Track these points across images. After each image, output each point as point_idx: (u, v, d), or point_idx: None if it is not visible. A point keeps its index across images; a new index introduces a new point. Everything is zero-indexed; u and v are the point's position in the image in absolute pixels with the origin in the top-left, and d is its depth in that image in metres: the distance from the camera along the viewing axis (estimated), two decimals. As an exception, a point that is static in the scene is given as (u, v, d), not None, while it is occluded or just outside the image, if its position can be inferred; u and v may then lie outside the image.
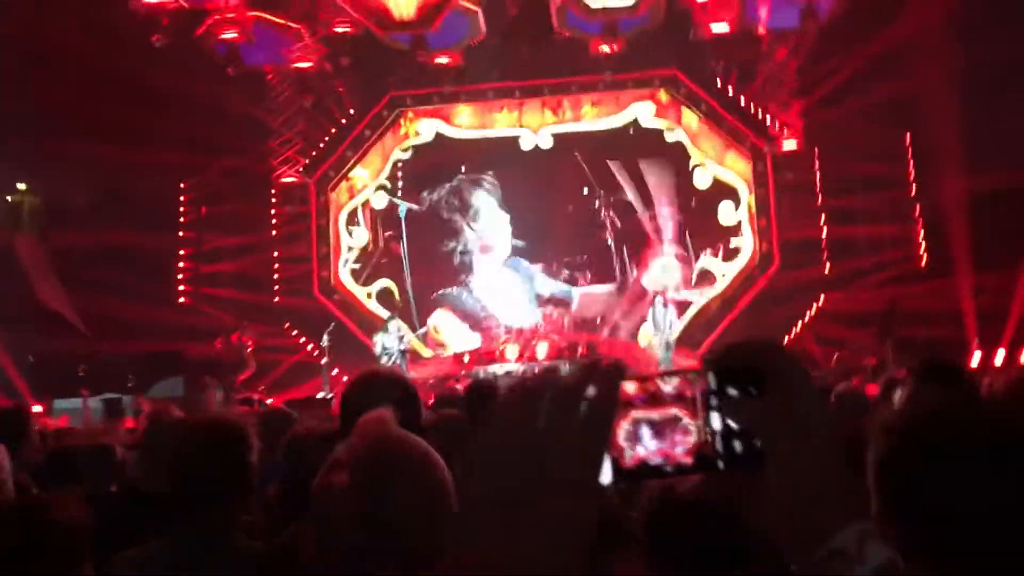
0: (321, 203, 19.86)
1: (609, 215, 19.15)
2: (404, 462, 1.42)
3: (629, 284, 19.06)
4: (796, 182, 18.81)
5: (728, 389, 0.93)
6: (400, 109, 19.92)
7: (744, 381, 0.93)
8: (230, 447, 2.43)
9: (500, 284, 19.27)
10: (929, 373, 3.56)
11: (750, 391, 0.93)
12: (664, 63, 18.97)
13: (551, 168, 19.49)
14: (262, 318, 18.42)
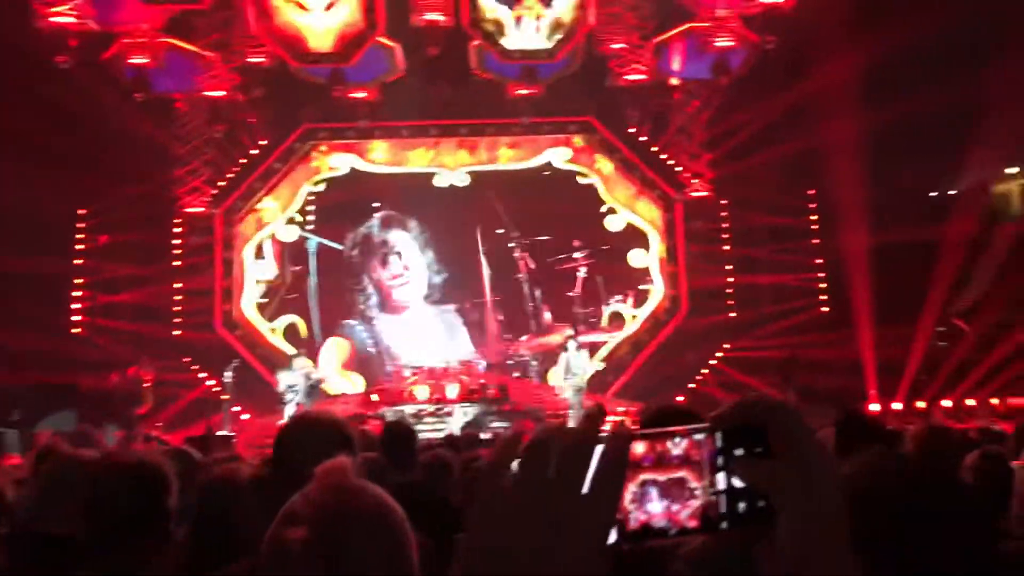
0: (227, 235, 19.38)
1: (524, 256, 19.18)
2: (367, 516, 1.30)
3: (542, 325, 19.10)
4: (704, 231, 19.27)
5: (735, 449, 0.91)
6: (313, 142, 19.68)
7: (751, 441, 0.92)
8: (150, 488, 2.25)
9: (415, 323, 19.10)
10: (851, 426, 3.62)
11: (756, 451, 0.91)
12: (580, 109, 19.30)
13: (467, 207, 19.48)
14: (161, 352, 17.73)
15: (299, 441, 2.28)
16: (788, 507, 0.89)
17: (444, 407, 16.00)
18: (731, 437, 0.92)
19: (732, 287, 19.26)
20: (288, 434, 2.35)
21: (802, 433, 0.91)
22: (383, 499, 1.34)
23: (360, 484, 1.33)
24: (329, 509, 1.27)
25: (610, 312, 19.32)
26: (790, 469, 0.89)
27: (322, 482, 1.31)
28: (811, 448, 0.91)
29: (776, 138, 17.88)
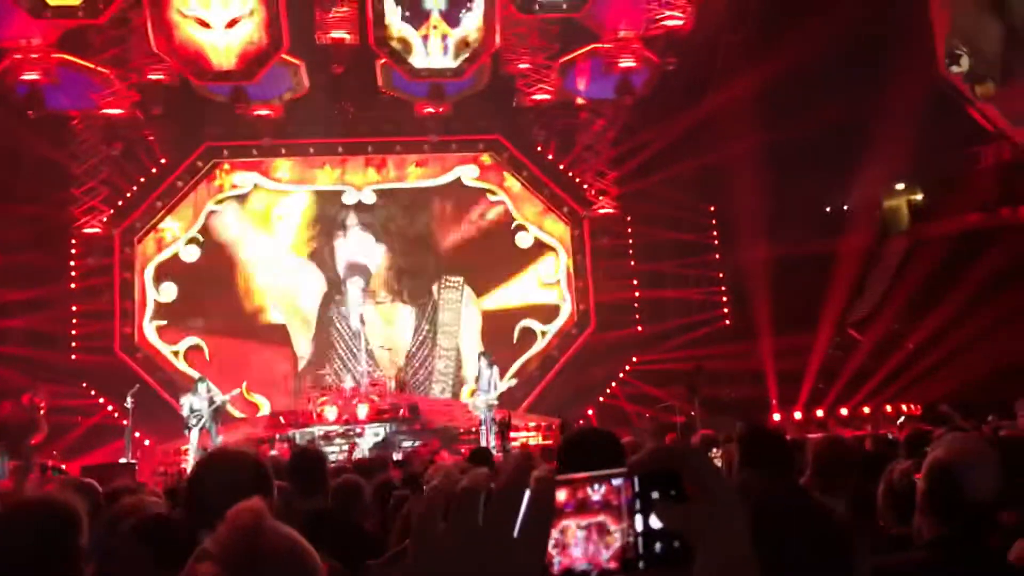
0: (126, 255, 18.85)
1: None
2: (280, 559, 1.31)
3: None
4: (611, 247, 19.63)
5: (651, 492, 0.96)
6: (215, 160, 19.31)
7: (666, 485, 0.96)
8: (60, 529, 2.18)
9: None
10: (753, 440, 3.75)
11: (671, 494, 0.96)
12: (488, 128, 19.45)
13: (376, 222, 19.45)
14: (57, 377, 17.07)
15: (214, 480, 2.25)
16: (703, 547, 0.94)
17: (354, 428, 15.83)
18: (647, 481, 0.96)
19: (638, 301, 19.63)
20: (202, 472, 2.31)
21: (713, 477, 0.97)
22: (297, 542, 1.35)
23: (273, 526, 1.34)
24: (241, 551, 1.27)
25: (520, 327, 19.43)
26: (703, 511, 0.95)
27: (234, 523, 1.31)
28: (722, 491, 0.96)
29: (678, 156, 18.33)
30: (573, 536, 0.94)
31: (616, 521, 0.95)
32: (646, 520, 0.95)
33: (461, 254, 19.69)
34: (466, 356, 19.15)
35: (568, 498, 0.95)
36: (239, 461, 2.33)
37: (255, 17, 15.89)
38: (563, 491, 0.94)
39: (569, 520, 0.94)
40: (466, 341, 19.27)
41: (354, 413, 16.06)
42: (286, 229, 19.47)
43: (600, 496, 0.95)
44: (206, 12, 15.69)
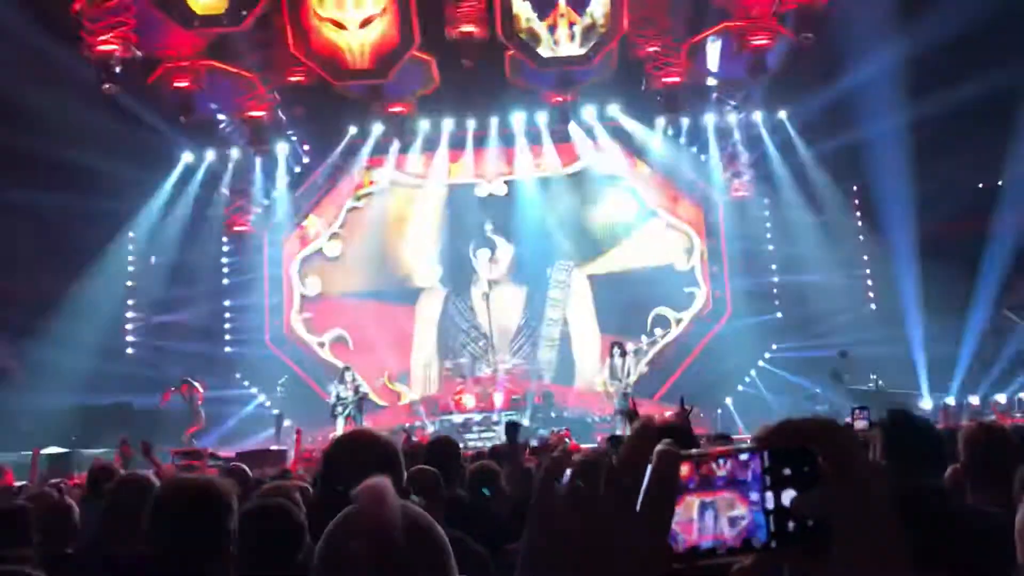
0: (273, 252, 19.69)
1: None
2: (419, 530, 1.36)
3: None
4: (747, 231, 19.11)
5: (783, 468, 0.91)
6: (354, 158, 19.92)
7: (799, 461, 0.91)
8: (212, 511, 2.33)
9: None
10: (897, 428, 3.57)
11: (804, 470, 0.91)
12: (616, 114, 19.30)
13: (507, 213, 19.65)
14: (213, 369, 18.05)
15: (345, 461, 2.34)
16: (843, 531, 0.88)
17: (491, 415, 16.07)
18: (778, 457, 0.92)
19: (777, 287, 19.08)
20: (334, 454, 2.40)
21: (854, 455, 0.91)
22: (424, 515, 1.40)
23: (401, 501, 1.39)
24: (386, 524, 1.32)
25: (653, 315, 19.24)
26: (841, 493, 0.89)
27: (372, 498, 1.37)
28: (864, 471, 0.90)
29: (816, 135, 17.71)
30: (698, 513, 0.90)
31: (743, 499, 0.90)
32: (777, 497, 0.90)
33: (592, 240, 19.68)
34: (584, 342, 19.12)
35: (690, 473, 0.90)
36: (369, 442, 2.41)
37: (387, 15, 16.27)
38: (685, 466, 0.90)
39: (692, 497, 0.90)
40: (580, 325, 19.20)
41: (491, 401, 16.31)
42: (421, 223, 19.90)
43: (726, 472, 0.91)
44: (341, 13, 16.17)
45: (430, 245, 19.81)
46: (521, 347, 19.28)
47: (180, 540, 2.29)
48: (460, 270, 19.61)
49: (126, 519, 3.04)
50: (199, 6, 15.45)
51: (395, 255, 19.74)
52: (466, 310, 19.36)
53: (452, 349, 19.21)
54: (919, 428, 3.60)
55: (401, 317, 19.70)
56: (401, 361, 19.48)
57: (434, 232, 19.85)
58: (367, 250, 19.59)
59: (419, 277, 19.77)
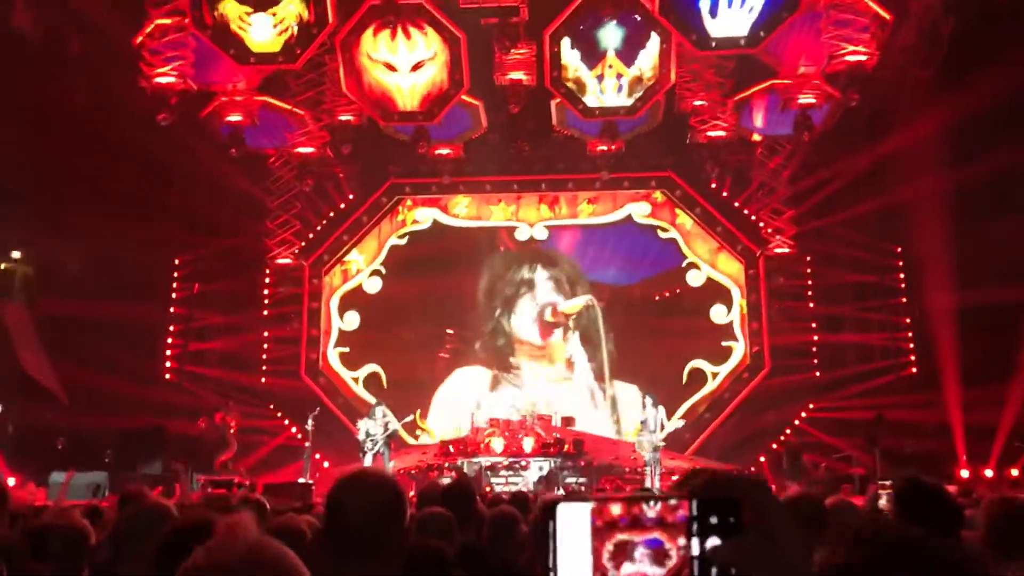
0: (314, 285, 19.95)
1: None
2: (264, 567, 1.37)
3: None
4: (787, 288, 18.99)
5: (709, 517, 0.97)
6: (399, 197, 20.21)
7: (725, 512, 0.97)
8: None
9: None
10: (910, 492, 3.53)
11: (730, 522, 0.96)
12: (660, 165, 19.38)
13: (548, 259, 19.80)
14: (247, 398, 18.24)
15: (349, 501, 2.35)
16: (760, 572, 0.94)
17: (520, 461, 16.00)
18: (706, 506, 0.98)
19: (816, 345, 18.86)
20: (339, 493, 2.41)
21: (776, 511, 0.98)
22: (282, 554, 1.39)
23: (267, 541, 1.39)
24: (226, 561, 1.32)
25: (689, 368, 19.11)
26: (760, 547, 0.95)
27: (221, 536, 1.37)
28: (784, 526, 0.97)
29: (860, 194, 17.61)
30: (630, 551, 0.96)
31: (671, 540, 0.97)
32: (703, 544, 0.97)
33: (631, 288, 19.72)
34: (619, 393, 19.04)
35: (623, 512, 0.97)
36: (373, 483, 2.42)
37: (438, 60, 16.55)
38: (617, 506, 0.97)
39: (623, 534, 0.96)
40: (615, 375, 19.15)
41: (520, 446, 16.23)
42: (462, 265, 20.04)
43: (655, 513, 0.97)
44: (393, 57, 16.48)
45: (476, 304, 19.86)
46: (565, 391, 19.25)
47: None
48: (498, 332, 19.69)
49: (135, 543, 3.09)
50: (256, 44, 15.85)
51: (436, 297, 19.83)
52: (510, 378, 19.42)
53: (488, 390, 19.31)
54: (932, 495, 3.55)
55: (436, 357, 19.77)
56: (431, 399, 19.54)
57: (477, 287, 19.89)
58: (407, 289, 19.74)
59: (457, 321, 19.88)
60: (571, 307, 19.03)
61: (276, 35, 15.90)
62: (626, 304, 19.63)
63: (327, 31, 16.03)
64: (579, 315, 19.38)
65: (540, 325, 19.54)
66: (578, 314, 19.35)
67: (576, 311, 19.05)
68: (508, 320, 19.72)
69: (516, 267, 19.93)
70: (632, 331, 19.13)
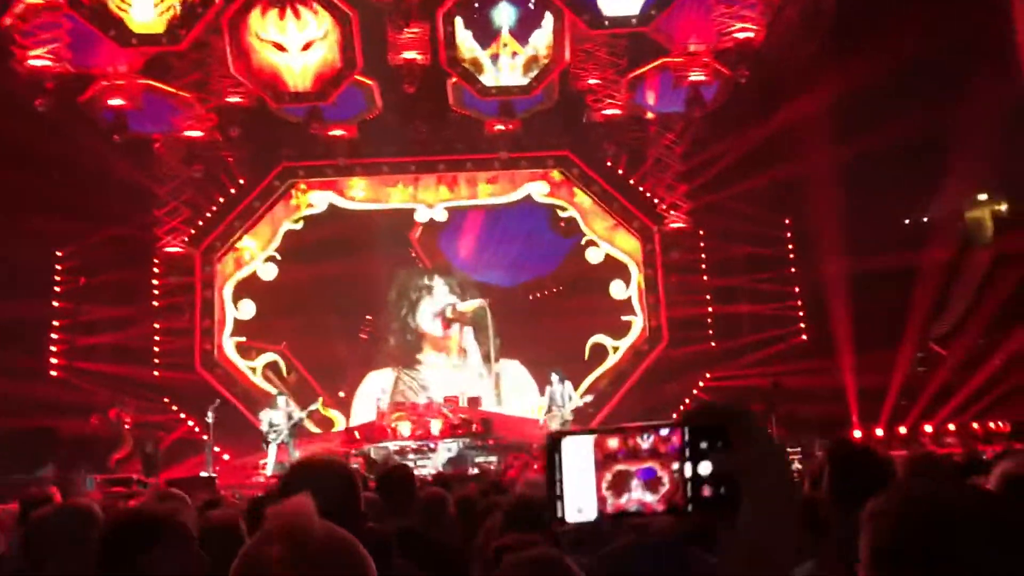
0: (206, 274, 19.34)
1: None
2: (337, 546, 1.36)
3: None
4: (683, 262, 19.42)
5: (700, 443, 1.07)
6: (292, 180, 19.74)
7: (713, 437, 1.07)
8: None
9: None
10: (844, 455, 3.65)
11: (719, 444, 1.07)
12: (557, 144, 19.51)
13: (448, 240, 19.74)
14: (141, 393, 17.58)
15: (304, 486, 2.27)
16: (748, 489, 1.05)
17: (428, 443, 15.93)
18: (696, 433, 1.08)
19: (711, 317, 19.37)
20: (293, 478, 2.35)
21: (758, 430, 1.09)
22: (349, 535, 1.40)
23: (324, 520, 1.37)
24: (305, 534, 1.31)
25: (591, 343, 19.37)
26: (750, 457, 1.06)
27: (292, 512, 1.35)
28: (765, 443, 1.09)
29: (752, 169, 18.08)
30: (627, 481, 1.05)
31: (664, 468, 1.06)
32: (695, 468, 1.07)
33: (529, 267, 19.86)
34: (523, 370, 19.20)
35: (620, 445, 1.06)
36: (329, 468, 2.37)
37: (329, 39, 16.20)
38: (615, 439, 1.06)
39: (621, 465, 1.05)
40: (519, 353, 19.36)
41: (428, 428, 16.17)
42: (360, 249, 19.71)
43: (649, 444, 1.06)
44: (282, 36, 16.05)
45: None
46: (461, 375, 19.30)
47: (133, 572, 2.20)
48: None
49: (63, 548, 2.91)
50: (137, 25, 15.17)
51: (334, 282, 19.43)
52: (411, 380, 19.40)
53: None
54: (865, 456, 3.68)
55: (338, 344, 19.47)
56: (335, 387, 19.26)
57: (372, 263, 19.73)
58: (304, 274, 19.31)
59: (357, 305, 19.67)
60: (467, 307, 19.34)
61: (158, 15, 15.29)
62: (524, 289, 19.75)
63: (213, 10, 15.49)
64: (474, 313, 19.39)
65: (441, 320, 19.59)
66: (473, 312, 19.37)
67: (472, 310, 19.25)
68: (413, 317, 19.82)
69: (418, 277, 20.01)
70: (535, 310, 19.24)
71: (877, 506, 1.46)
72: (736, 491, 1.04)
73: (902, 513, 1.42)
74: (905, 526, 1.38)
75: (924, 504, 1.43)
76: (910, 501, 1.46)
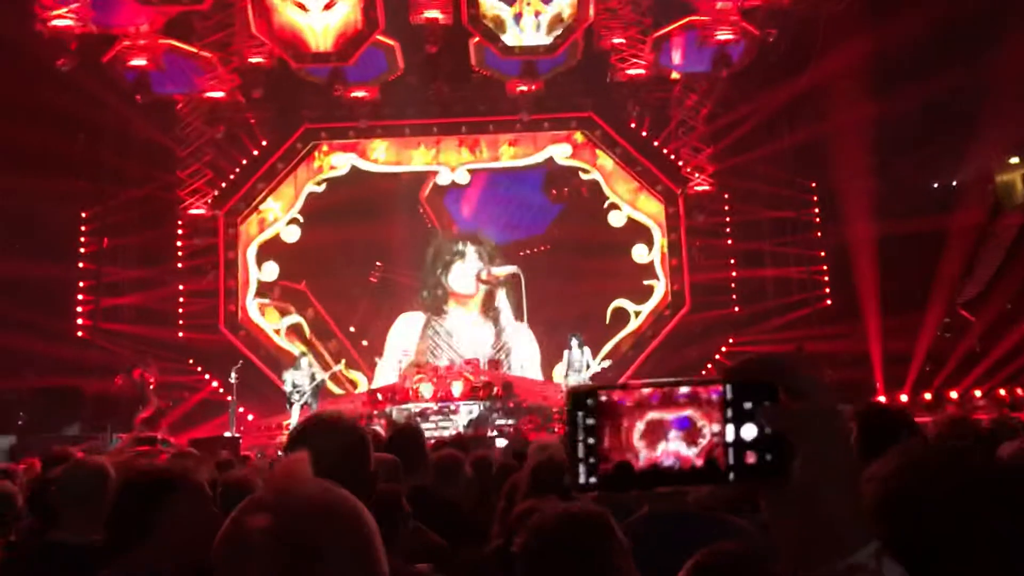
0: (230, 236, 19.38)
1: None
2: (334, 510, 1.24)
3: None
4: (707, 225, 19.23)
5: (744, 403, 0.94)
6: (314, 142, 19.68)
7: (761, 395, 0.94)
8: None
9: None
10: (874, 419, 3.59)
11: (765, 404, 0.94)
12: (580, 105, 19.28)
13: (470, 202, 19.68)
14: (165, 354, 17.73)
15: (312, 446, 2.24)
16: (807, 447, 0.92)
17: (449, 405, 15.99)
18: (741, 390, 0.94)
19: (735, 281, 19.21)
20: (300, 437, 2.31)
21: (814, 384, 0.95)
22: (348, 497, 1.29)
23: (322, 481, 1.28)
24: (294, 500, 1.21)
25: (612, 307, 19.28)
26: (806, 413, 0.93)
27: (284, 474, 1.26)
28: (823, 397, 0.95)
29: (777, 131, 17.85)
30: (662, 430, 0.93)
31: (705, 416, 0.93)
32: (737, 430, 0.93)
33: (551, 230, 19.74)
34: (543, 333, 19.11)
35: (653, 391, 0.93)
36: (337, 427, 2.32)
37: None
38: (648, 388, 0.94)
39: (655, 412, 0.93)
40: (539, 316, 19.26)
41: (449, 391, 16.21)
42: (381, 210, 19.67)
43: (687, 391, 0.93)
44: (304, -5, 15.94)
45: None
46: (483, 339, 19.30)
47: (136, 525, 2.18)
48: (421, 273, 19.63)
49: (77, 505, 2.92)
50: (158, -18, 15.12)
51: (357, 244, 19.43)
52: (439, 326, 19.38)
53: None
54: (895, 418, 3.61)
55: (361, 304, 19.53)
56: (358, 348, 19.34)
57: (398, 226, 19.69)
58: (327, 236, 19.31)
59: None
60: (501, 271, 19.09)
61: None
62: (516, 246, 19.69)
63: (234, -31, 15.39)
64: (506, 278, 19.25)
65: (476, 281, 19.45)
66: (505, 277, 19.23)
67: (505, 275, 19.07)
68: (445, 278, 19.64)
69: (452, 243, 19.76)
70: (556, 273, 19.12)
71: (881, 471, 1.39)
72: (784, 457, 0.92)
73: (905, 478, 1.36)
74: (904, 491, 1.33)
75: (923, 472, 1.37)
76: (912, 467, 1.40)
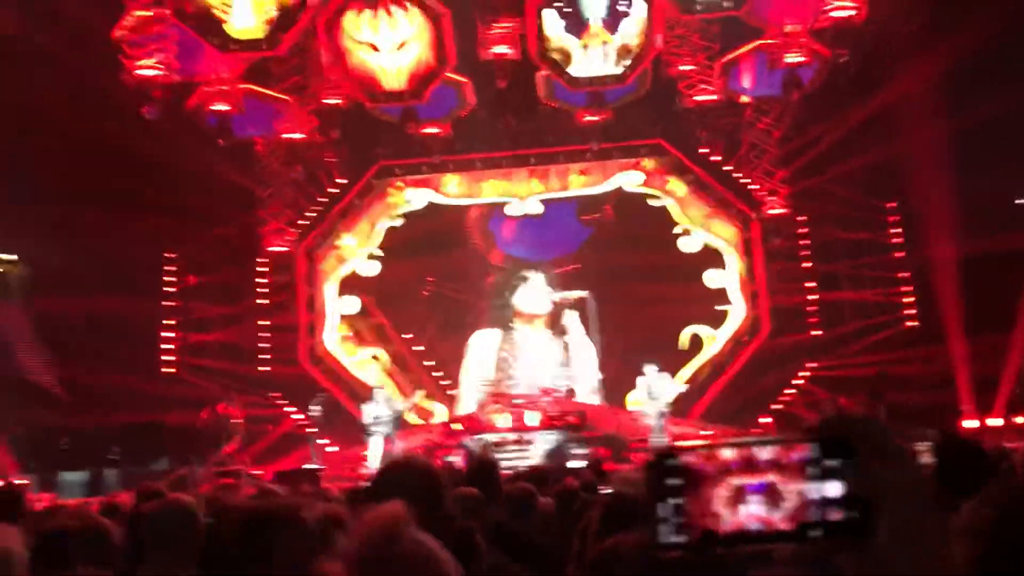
0: (309, 271, 19.83)
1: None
2: (413, 565, 1.31)
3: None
4: (783, 248, 18.94)
5: (829, 460, 0.95)
6: (389, 178, 20.07)
7: (844, 453, 0.96)
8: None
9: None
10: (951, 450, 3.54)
11: (849, 462, 0.95)
12: (649, 132, 19.26)
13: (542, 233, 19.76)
14: (249, 388, 18.18)
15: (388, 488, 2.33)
16: (894, 508, 0.94)
17: (525, 435, 16.00)
18: (825, 448, 0.96)
19: (814, 305, 18.85)
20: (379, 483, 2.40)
21: (891, 440, 0.99)
22: (433, 551, 1.35)
23: (411, 533, 1.35)
24: (374, 554, 1.28)
25: (690, 334, 19.09)
26: (889, 479, 0.96)
27: (371, 526, 1.33)
28: (901, 452, 0.99)
29: (852, 151, 17.55)
30: (744, 496, 0.93)
31: (787, 481, 0.94)
32: (822, 488, 0.94)
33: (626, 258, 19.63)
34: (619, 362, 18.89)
35: (735, 457, 0.94)
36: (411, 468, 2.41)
37: (422, 38, 16.42)
38: (729, 449, 0.94)
39: (736, 478, 0.93)
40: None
41: (524, 421, 16.23)
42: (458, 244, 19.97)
43: (769, 455, 0.94)
44: (376, 37, 16.34)
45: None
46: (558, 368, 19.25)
47: (226, 565, 2.27)
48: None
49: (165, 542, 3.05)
50: (236, 31, 15.67)
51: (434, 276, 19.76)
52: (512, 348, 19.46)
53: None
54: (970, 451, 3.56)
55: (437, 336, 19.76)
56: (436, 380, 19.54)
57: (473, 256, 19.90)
58: (405, 270, 19.65)
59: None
60: (571, 295, 19.01)
61: (257, 20, 15.75)
62: (549, 265, 19.79)
63: (308, 14, 15.88)
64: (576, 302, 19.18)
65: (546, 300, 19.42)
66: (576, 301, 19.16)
67: (575, 298, 18.97)
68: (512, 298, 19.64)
69: (518, 270, 19.82)
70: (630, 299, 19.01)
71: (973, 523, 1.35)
72: (870, 516, 0.93)
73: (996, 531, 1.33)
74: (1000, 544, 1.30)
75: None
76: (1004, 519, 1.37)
